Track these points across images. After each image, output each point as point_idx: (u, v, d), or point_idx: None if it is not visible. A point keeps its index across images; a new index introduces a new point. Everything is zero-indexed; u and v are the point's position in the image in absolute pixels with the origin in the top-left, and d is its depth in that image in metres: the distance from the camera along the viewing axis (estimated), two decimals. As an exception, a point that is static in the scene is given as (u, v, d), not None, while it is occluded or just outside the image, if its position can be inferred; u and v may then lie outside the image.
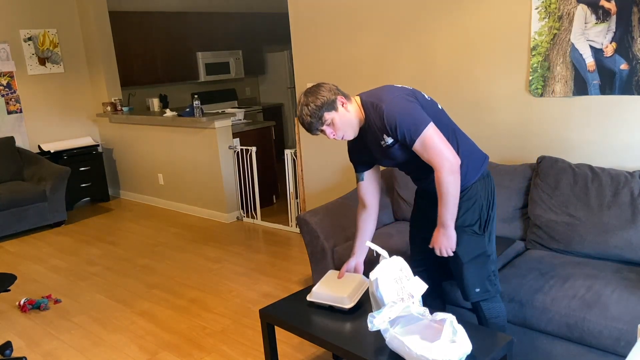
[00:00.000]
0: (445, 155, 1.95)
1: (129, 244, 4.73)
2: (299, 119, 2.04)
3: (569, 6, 2.78)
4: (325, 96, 1.99)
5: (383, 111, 1.98)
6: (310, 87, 2.05)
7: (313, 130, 2.04)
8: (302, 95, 2.05)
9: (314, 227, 3.08)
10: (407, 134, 1.96)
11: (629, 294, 2.14)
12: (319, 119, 1.99)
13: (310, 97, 2.00)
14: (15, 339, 3.15)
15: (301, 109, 2.02)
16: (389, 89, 2.09)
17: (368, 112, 2.06)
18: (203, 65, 7.28)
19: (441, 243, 2.08)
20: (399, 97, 2.01)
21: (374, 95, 2.07)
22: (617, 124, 2.76)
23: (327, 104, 1.99)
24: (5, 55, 5.69)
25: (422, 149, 1.97)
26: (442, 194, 1.99)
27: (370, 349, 1.92)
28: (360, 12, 3.73)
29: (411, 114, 1.97)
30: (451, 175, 1.95)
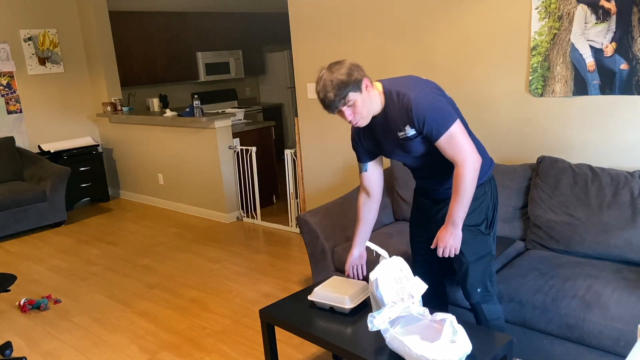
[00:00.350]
0: (470, 151, 1.94)
1: (129, 244, 4.73)
2: (319, 93, 1.92)
3: (569, 6, 2.78)
4: (352, 75, 1.89)
5: (411, 102, 1.92)
6: (334, 62, 1.93)
7: (332, 109, 1.93)
8: (324, 70, 1.92)
9: (314, 227, 3.08)
10: (434, 128, 1.92)
11: (629, 294, 2.14)
12: (343, 97, 1.89)
13: (336, 73, 1.88)
14: (15, 339, 3.15)
15: (323, 83, 1.90)
16: (416, 80, 2.03)
17: (389, 100, 1.98)
18: (203, 65, 7.28)
19: (448, 242, 2.04)
20: (428, 90, 1.96)
21: (399, 85, 2.00)
22: (617, 124, 2.76)
23: (353, 83, 1.89)
24: (5, 55, 5.69)
25: (447, 144, 1.94)
26: (460, 190, 1.96)
27: (370, 349, 1.92)
28: (360, 12, 3.73)
29: (440, 108, 1.93)
30: (473, 172, 1.94)
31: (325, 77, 1.89)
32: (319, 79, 1.93)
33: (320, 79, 1.92)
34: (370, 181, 2.26)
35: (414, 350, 1.73)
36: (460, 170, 1.94)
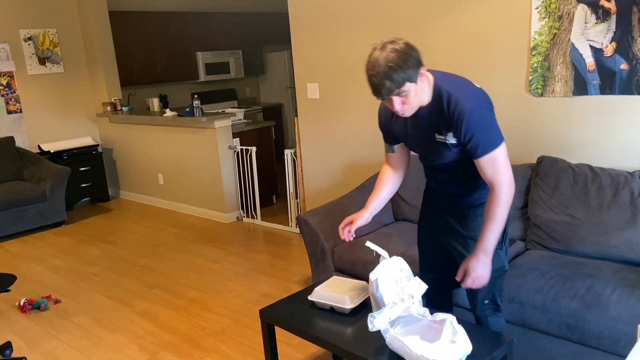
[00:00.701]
0: (509, 176, 1.84)
1: (129, 244, 4.73)
2: (370, 76, 1.72)
3: (569, 6, 2.78)
4: (411, 61, 1.70)
5: (465, 113, 1.78)
6: (390, 41, 1.73)
7: (383, 95, 1.74)
8: (378, 49, 1.72)
9: (314, 227, 3.08)
10: (480, 145, 1.80)
11: (629, 294, 2.14)
12: (399, 86, 1.71)
13: (393, 56, 1.68)
14: (15, 339, 3.15)
15: (376, 65, 1.70)
16: (470, 86, 1.89)
17: (438, 98, 1.84)
18: (203, 65, 7.28)
19: (478, 272, 1.89)
20: (483, 105, 1.84)
21: (452, 85, 1.85)
22: (617, 124, 2.75)
23: (411, 71, 1.71)
24: (5, 55, 5.69)
25: (488, 165, 1.82)
26: (494, 216, 1.85)
27: (371, 349, 1.91)
28: (360, 12, 3.73)
29: (492, 127, 1.82)
30: (509, 197, 1.85)
31: (379, 59, 1.69)
32: (371, 58, 1.72)
33: (373, 59, 1.71)
34: (397, 161, 2.17)
35: (414, 351, 1.73)
36: (497, 193, 1.84)
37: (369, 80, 1.74)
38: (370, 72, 1.73)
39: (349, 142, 4.05)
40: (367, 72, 1.74)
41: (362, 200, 3.31)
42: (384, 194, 2.20)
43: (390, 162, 2.19)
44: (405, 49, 1.71)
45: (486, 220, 1.88)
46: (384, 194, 2.20)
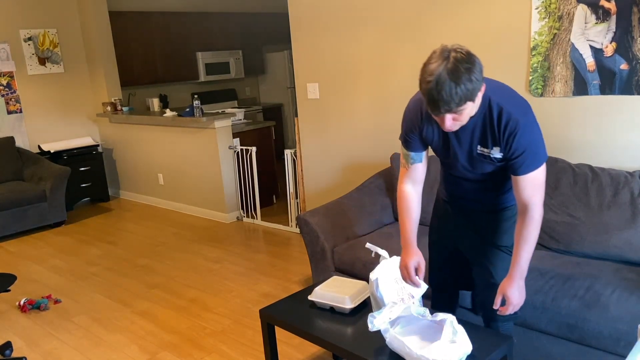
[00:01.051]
0: (543, 199, 1.78)
1: (129, 244, 4.73)
2: (431, 89, 1.55)
3: (569, 6, 2.78)
4: (477, 80, 1.56)
5: (518, 129, 1.69)
6: (457, 51, 1.57)
7: (441, 112, 1.60)
8: (444, 59, 1.55)
9: (314, 227, 3.08)
10: (526, 163, 1.72)
11: (629, 294, 2.14)
12: (459, 105, 1.58)
13: (462, 76, 1.54)
14: (15, 339, 3.15)
15: (441, 81, 1.54)
16: (517, 96, 1.77)
17: (487, 109, 1.73)
18: (203, 65, 7.28)
19: (518, 298, 1.83)
20: (533, 116, 1.73)
21: (501, 95, 1.74)
22: (617, 124, 2.76)
23: (474, 92, 1.57)
24: (5, 55, 5.69)
25: (528, 183, 1.75)
26: (530, 238, 1.79)
27: (371, 349, 1.92)
28: (360, 12, 3.73)
29: (540, 144, 1.74)
30: (541, 217, 1.80)
31: (442, 72, 1.54)
32: (431, 68, 1.56)
33: (434, 70, 1.55)
34: (421, 173, 1.99)
35: (413, 351, 1.73)
36: (532, 215, 1.77)
37: (426, 92, 1.58)
38: (429, 84, 1.56)
39: (349, 142, 4.05)
40: (425, 83, 1.57)
41: (362, 200, 3.32)
42: (416, 220, 2.01)
43: (414, 175, 1.99)
44: (473, 62, 1.56)
45: (521, 243, 1.81)
46: (416, 220, 2.02)
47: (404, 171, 2.01)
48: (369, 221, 3.25)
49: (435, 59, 1.58)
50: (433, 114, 1.65)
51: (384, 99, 3.74)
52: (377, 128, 3.84)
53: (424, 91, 1.59)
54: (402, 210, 2.01)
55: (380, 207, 3.34)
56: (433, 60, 1.58)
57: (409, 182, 2.00)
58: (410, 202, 2.00)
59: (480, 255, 2.03)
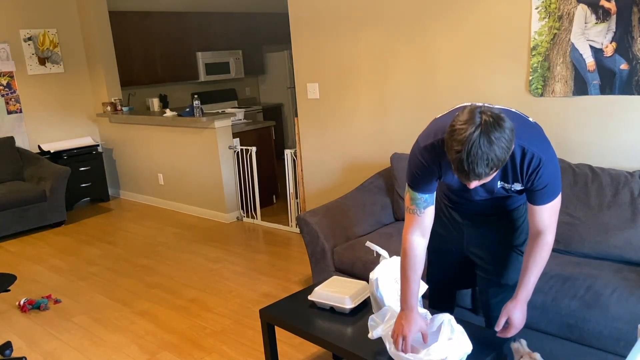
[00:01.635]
0: (556, 225, 1.79)
1: (129, 244, 4.73)
2: (470, 162, 1.47)
3: (569, 6, 2.78)
4: (509, 148, 1.50)
5: (541, 167, 1.66)
6: (493, 121, 1.47)
7: (473, 181, 1.54)
8: (483, 132, 1.45)
9: (314, 227, 3.08)
10: (545, 194, 1.71)
11: (629, 294, 2.14)
12: (489, 175, 1.52)
13: (497, 147, 1.46)
14: (15, 339, 3.15)
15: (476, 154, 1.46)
16: (534, 128, 1.72)
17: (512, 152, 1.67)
18: (203, 65, 7.28)
19: (520, 321, 1.81)
20: (553, 152, 1.71)
21: (523, 135, 1.66)
22: (617, 124, 2.76)
23: (506, 157, 1.51)
24: (5, 55, 5.69)
25: (547, 212, 1.75)
26: (542, 262, 1.78)
27: (370, 349, 1.91)
28: (360, 12, 3.73)
29: (559, 177, 1.73)
30: (553, 241, 1.79)
31: (482, 146, 1.45)
32: (469, 139, 1.46)
33: (472, 142, 1.45)
34: (430, 217, 1.84)
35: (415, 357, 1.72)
36: (547, 240, 1.76)
37: (456, 162, 1.50)
38: (459, 155, 1.48)
39: (349, 142, 4.05)
40: (455, 152, 1.48)
41: (362, 200, 3.32)
42: (420, 276, 1.86)
43: (425, 222, 1.82)
44: (503, 127, 1.47)
45: (531, 266, 1.78)
46: (420, 276, 1.87)
47: (414, 218, 1.81)
48: (369, 221, 3.25)
49: (464, 122, 1.48)
50: (464, 181, 1.56)
51: (384, 99, 3.74)
52: (377, 128, 3.84)
53: (453, 160, 1.51)
54: (406, 266, 1.83)
55: (380, 207, 3.34)
56: (461, 123, 1.49)
57: (418, 231, 1.82)
58: (418, 258, 1.83)
59: (489, 256, 2.02)
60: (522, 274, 1.82)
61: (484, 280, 2.06)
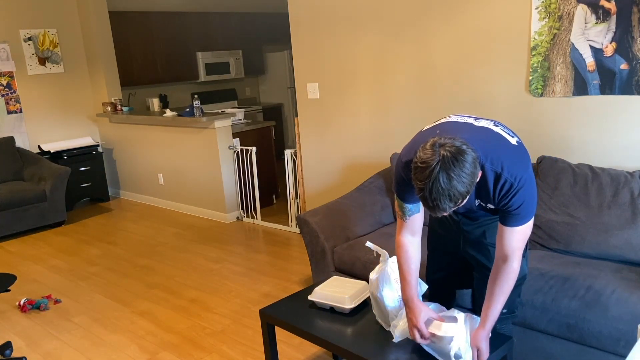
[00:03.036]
0: (522, 252, 1.77)
1: (129, 244, 4.73)
2: (427, 198, 1.52)
3: (569, 6, 2.78)
4: (473, 180, 1.53)
5: (512, 191, 1.67)
6: (452, 156, 1.49)
7: (442, 213, 1.57)
8: (439, 169, 1.48)
9: (314, 227, 3.08)
10: (518, 217, 1.71)
11: (629, 294, 2.14)
12: (458, 205, 1.55)
13: (457, 182, 1.49)
14: (15, 339, 3.15)
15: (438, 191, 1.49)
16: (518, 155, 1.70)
17: (482, 176, 1.68)
18: (203, 65, 7.28)
19: (487, 349, 1.79)
20: (531, 175, 1.71)
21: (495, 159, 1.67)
22: (617, 124, 2.76)
23: (470, 188, 1.53)
24: (5, 55, 5.69)
25: (515, 235, 1.73)
26: (506, 289, 1.76)
27: (370, 349, 1.92)
28: (360, 12, 3.73)
29: (534, 200, 1.73)
30: (517, 271, 1.77)
31: (442, 184, 1.48)
32: (429, 178, 1.49)
33: (432, 180, 1.49)
34: (419, 222, 1.91)
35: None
36: (511, 266, 1.74)
37: (424, 200, 1.54)
38: (422, 192, 1.52)
39: (348, 142, 4.05)
40: (418, 189, 1.53)
41: (362, 200, 3.32)
42: (416, 274, 1.92)
43: (413, 227, 1.90)
44: (464, 161, 1.49)
45: (496, 294, 1.77)
46: (417, 269, 1.93)
47: (402, 223, 1.91)
48: (369, 221, 3.25)
49: (424, 160, 1.51)
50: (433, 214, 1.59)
51: (384, 98, 3.74)
52: (377, 128, 3.84)
53: (418, 194, 1.55)
54: (401, 262, 1.92)
55: (380, 207, 3.34)
56: (422, 161, 1.52)
57: (408, 233, 1.92)
58: (410, 253, 1.91)
59: (484, 257, 2.02)
60: (487, 302, 1.80)
61: (479, 282, 2.07)
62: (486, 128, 1.74)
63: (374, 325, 2.05)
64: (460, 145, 1.52)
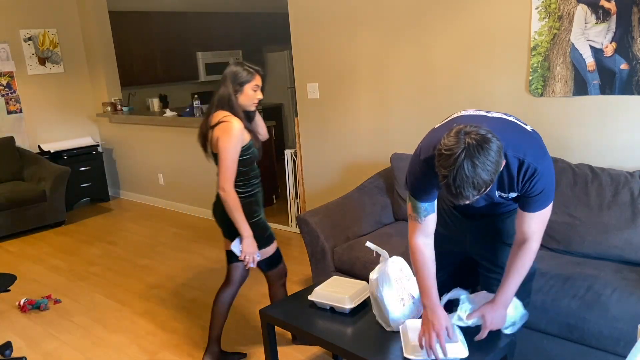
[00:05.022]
0: (542, 235, 1.79)
1: (129, 244, 4.73)
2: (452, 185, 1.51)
3: (569, 6, 2.78)
4: (496, 170, 1.52)
5: (536, 177, 1.67)
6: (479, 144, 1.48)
7: (465, 202, 1.57)
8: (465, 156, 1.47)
9: (314, 227, 3.08)
10: (538, 203, 1.72)
11: (629, 294, 2.14)
12: (481, 193, 1.54)
13: (482, 170, 1.48)
14: (15, 339, 3.15)
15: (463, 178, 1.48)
16: (530, 137, 1.72)
17: (505, 165, 1.67)
18: (203, 65, 7.28)
19: (495, 323, 1.82)
20: (550, 161, 1.72)
21: (516, 145, 1.67)
22: (617, 124, 2.76)
23: (494, 177, 1.52)
24: (5, 55, 5.69)
25: (536, 219, 1.75)
26: (523, 269, 1.78)
27: (370, 349, 1.91)
28: (360, 12, 3.73)
29: (553, 186, 1.74)
30: (537, 249, 1.79)
31: (467, 172, 1.47)
32: (454, 165, 1.48)
33: (457, 168, 1.48)
34: (433, 224, 1.87)
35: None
36: (531, 247, 1.76)
37: (444, 185, 1.53)
38: (446, 179, 1.51)
39: (348, 142, 4.05)
40: (442, 177, 1.52)
41: (362, 200, 3.32)
42: (434, 273, 1.88)
43: (427, 228, 1.86)
44: (489, 149, 1.48)
45: (513, 272, 1.79)
46: (434, 273, 1.89)
47: (416, 226, 1.86)
48: (369, 221, 3.25)
49: (449, 147, 1.50)
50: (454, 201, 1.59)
51: (384, 98, 3.74)
52: (377, 128, 3.83)
53: (442, 184, 1.54)
54: (418, 266, 1.88)
55: (380, 207, 3.34)
56: (447, 148, 1.51)
57: (421, 235, 1.87)
58: (426, 256, 1.87)
59: (491, 254, 2.02)
60: (504, 279, 1.82)
61: (486, 278, 2.06)
62: (501, 118, 1.76)
63: (374, 325, 2.05)
64: (486, 133, 1.51)
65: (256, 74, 2.49)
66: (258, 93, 2.53)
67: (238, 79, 2.47)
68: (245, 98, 2.51)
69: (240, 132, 2.46)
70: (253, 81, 2.49)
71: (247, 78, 2.48)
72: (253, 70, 2.49)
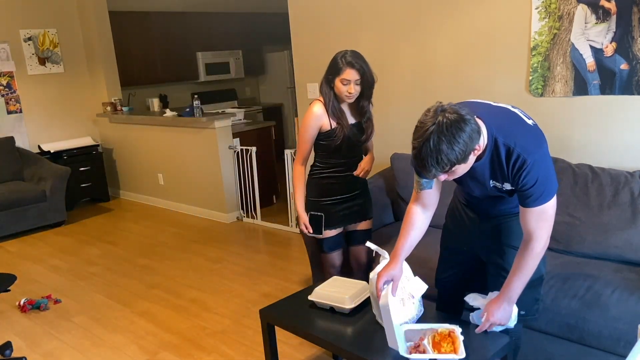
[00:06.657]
0: (549, 232, 1.78)
1: (129, 244, 4.73)
2: (419, 156, 1.59)
3: (569, 6, 2.78)
4: (469, 147, 1.57)
5: (526, 167, 1.67)
6: (450, 116, 1.55)
7: (430, 177, 1.68)
8: (435, 126, 1.55)
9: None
10: (534, 195, 1.71)
11: (629, 294, 2.14)
12: (443, 171, 1.61)
13: (452, 143, 1.54)
14: (15, 339, 3.15)
15: (430, 150, 1.55)
16: (525, 127, 1.74)
17: (495, 149, 1.71)
18: (203, 65, 7.28)
19: (498, 318, 1.84)
20: (542, 149, 1.72)
21: (507, 133, 1.70)
22: (617, 124, 2.76)
23: (461, 157, 1.57)
24: (5, 55, 5.69)
25: (534, 216, 1.74)
26: (527, 268, 1.79)
27: (370, 349, 1.91)
28: (360, 12, 3.73)
29: (551, 178, 1.73)
30: (543, 251, 1.79)
31: (431, 145, 1.55)
32: (422, 137, 1.57)
33: (424, 140, 1.56)
34: (432, 198, 1.94)
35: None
36: (533, 247, 1.76)
37: (416, 156, 1.61)
38: (414, 150, 1.60)
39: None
40: (417, 149, 1.59)
41: (362, 200, 3.31)
42: (413, 238, 1.97)
43: (423, 200, 1.94)
44: (460, 128, 1.53)
45: (516, 271, 1.81)
46: (414, 239, 1.98)
47: (415, 194, 1.97)
48: (369, 221, 3.24)
49: (424, 121, 1.60)
50: (422, 177, 1.73)
51: (384, 98, 3.73)
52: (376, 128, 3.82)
53: (414, 155, 1.63)
54: (404, 225, 1.99)
55: (380, 207, 3.34)
56: (421, 121, 1.61)
57: (419, 204, 1.96)
58: (414, 220, 1.96)
59: (497, 256, 2.02)
60: (508, 276, 1.85)
61: (494, 276, 2.04)
62: (504, 107, 1.81)
63: (374, 325, 2.05)
64: (465, 115, 1.56)
65: (347, 68, 2.42)
66: (349, 87, 2.45)
67: (330, 69, 2.49)
68: (337, 89, 2.50)
69: (315, 117, 2.50)
70: (342, 74, 2.44)
71: (336, 70, 2.46)
72: (344, 62, 2.42)
